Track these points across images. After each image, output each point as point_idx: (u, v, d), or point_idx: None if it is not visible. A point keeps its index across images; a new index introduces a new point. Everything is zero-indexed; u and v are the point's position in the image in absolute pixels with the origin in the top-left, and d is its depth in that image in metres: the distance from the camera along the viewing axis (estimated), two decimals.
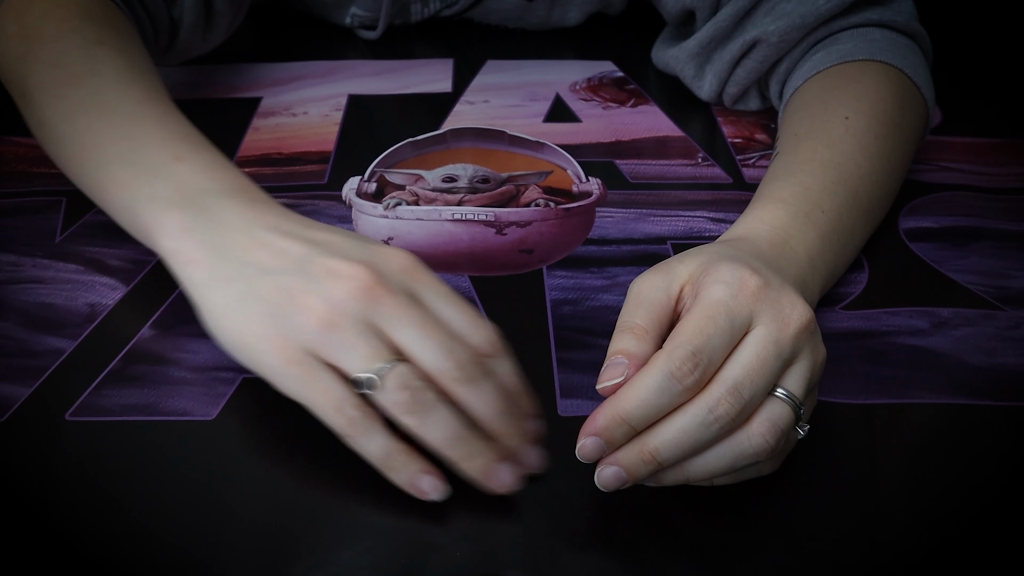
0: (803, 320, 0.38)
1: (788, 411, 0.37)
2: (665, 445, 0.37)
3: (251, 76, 0.77)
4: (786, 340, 0.38)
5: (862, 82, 0.58)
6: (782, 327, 0.38)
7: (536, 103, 0.74)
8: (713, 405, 0.36)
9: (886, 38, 0.61)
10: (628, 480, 0.38)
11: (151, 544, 0.38)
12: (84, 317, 0.51)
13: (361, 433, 0.39)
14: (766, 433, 0.37)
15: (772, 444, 0.37)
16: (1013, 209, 0.61)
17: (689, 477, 0.38)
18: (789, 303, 0.39)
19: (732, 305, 0.38)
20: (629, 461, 0.37)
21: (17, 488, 0.41)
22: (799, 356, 0.38)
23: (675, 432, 0.37)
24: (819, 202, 0.49)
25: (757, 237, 0.46)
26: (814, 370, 0.39)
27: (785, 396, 0.37)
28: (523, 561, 0.38)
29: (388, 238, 0.58)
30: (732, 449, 0.37)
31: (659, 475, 0.39)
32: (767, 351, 0.37)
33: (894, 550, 0.38)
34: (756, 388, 0.37)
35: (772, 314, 0.38)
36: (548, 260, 0.56)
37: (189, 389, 0.46)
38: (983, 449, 0.44)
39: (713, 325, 0.37)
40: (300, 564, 0.37)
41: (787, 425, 0.37)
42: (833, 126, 0.55)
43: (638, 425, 0.37)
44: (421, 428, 0.38)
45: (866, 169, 0.53)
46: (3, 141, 0.67)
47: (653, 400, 0.36)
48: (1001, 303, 0.52)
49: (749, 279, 0.39)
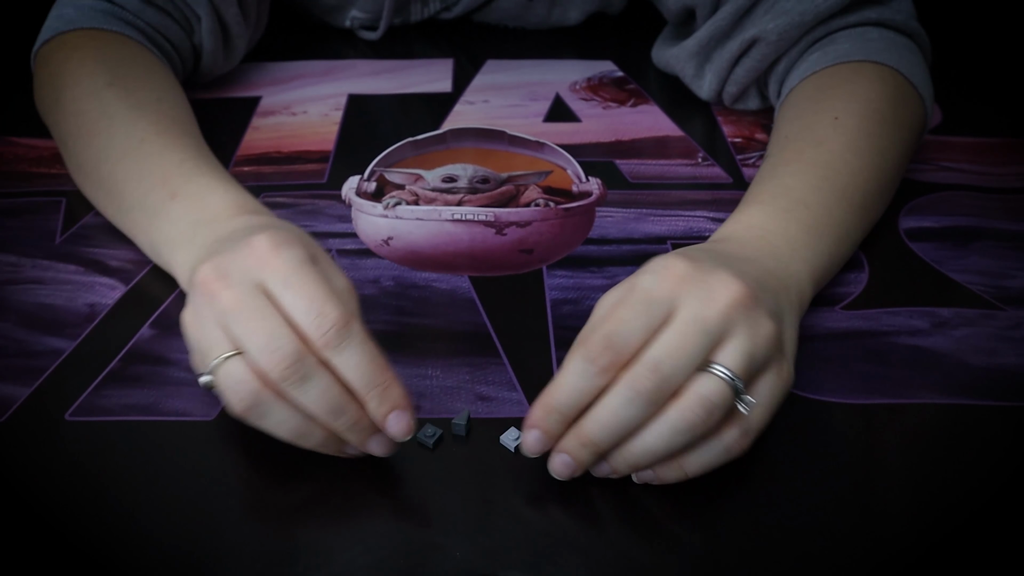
0: (733, 296, 0.39)
1: (719, 384, 0.37)
2: (596, 426, 0.38)
3: (251, 75, 0.77)
4: (713, 317, 0.38)
5: (854, 83, 0.58)
6: (707, 304, 0.38)
7: (536, 103, 0.74)
8: (634, 382, 0.37)
9: (884, 37, 0.61)
10: (575, 467, 0.39)
11: (151, 544, 0.38)
12: (84, 317, 0.51)
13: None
14: (695, 406, 0.37)
15: (702, 416, 0.37)
16: (1013, 209, 0.61)
17: (637, 460, 0.39)
18: (719, 281, 0.39)
19: (652, 289, 0.39)
20: (570, 447, 0.39)
21: (17, 488, 0.41)
22: (733, 331, 0.38)
23: (604, 413, 0.38)
24: (801, 198, 0.50)
25: (730, 238, 0.48)
26: (756, 343, 0.39)
27: (718, 371, 0.38)
28: (523, 561, 0.38)
29: (388, 238, 0.58)
30: (666, 425, 0.38)
31: (614, 462, 0.39)
32: (688, 328, 0.38)
33: (894, 550, 0.38)
34: (677, 363, 0.37)
35: (697, 294, 0.39)
36: (548, 260, 0.56)
37: (189, 389, 0.46)
38: (983, 449, 0.44)
39: (629, 310, 0.38)
40: (300, 564, 0.37)
41: (719, 398, 0.37)
42: (822, 126, 0.55)
43: (566, 411, 0.39)
44: (260, 423, 0.39)
45: (856, 165, 0.53)
46: (3, 141, 0.67)
47: (573, 384, 0.38)
48: (1001, 303, 0.52)
49: (676, 265, 0.40)
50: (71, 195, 0.60)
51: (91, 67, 0.58)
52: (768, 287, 0.43)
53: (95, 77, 0.57)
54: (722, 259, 0.42)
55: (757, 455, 0.43)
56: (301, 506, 0.40)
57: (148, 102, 0.56)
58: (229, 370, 0.38)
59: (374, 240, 0.58)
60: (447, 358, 0.48)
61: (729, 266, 0.41)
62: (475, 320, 0.51)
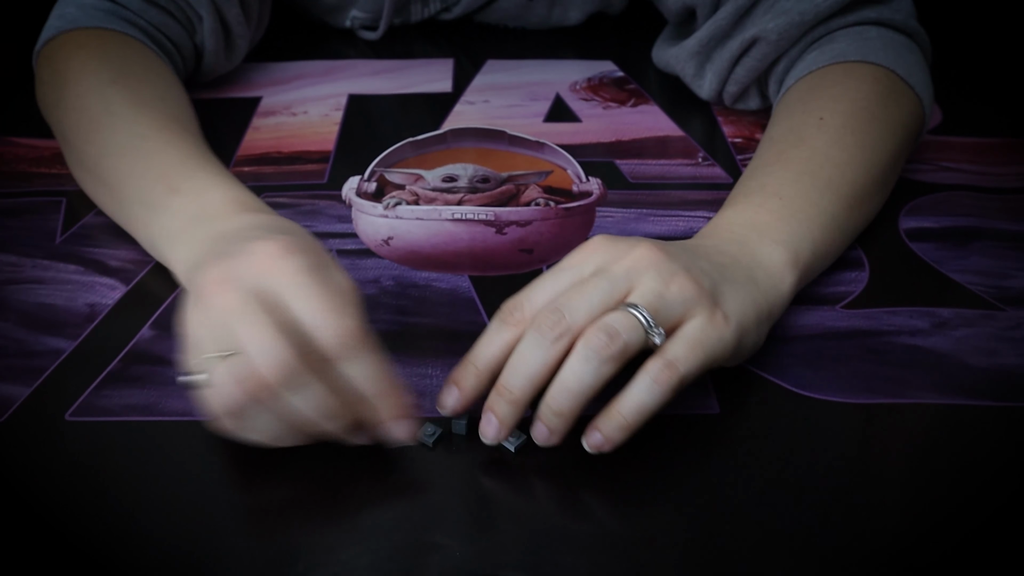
0: (641, 253, 0.42)
1: (622, 312, 0.40)
2: (510, 374, 0.40)
3: (251, 76, 0.77)
4: (618, 270, 0.41)
5: (844, 84, 0.58)
6: (611, 262, 0.42)
7: (536, 103, 0.74)
8: (536, 326, 0.40)
9: (882, 37, 0.61)
10: (500, 425, 0.41)
11: (151, 544, 0.38)
12: (84, 317, 0.51)
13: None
14: (598, 332, 0.39)
15: (604, 340, 0.39)
16: (1013, 209, 0.61)
17: (559, 404, 0.40)
18: (630, 245, 0.43)
19: (562, 264, 0.43)
20: (492, 402, 0.41)
21: (17, 488, 0.41)
22: (641, 279, 0.41)
23: (514, 360, 0.40)
24: (776, 192, 0.51)
25: (696, 237, 0.49)
26: (668, 288, 0.41)
27: (625, 308, 0.40)
28: (523, 561, 0.38)
29: (388, 238, 0.58)
30: (575, 357, 0.39)
31: (542, 414, 0.40)
32: (591, 279, 0.41)
33: (894, 550, 0.38)
34: (576, 306, 0.40)
35: (604, 256, 0.42)
36: (548, 260, 0.56)
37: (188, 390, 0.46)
38: (983, 449, 0.44)
39: (538, 281, 0.43)
40: (300, 564, 0.37)
41: (621, 324, 0.39)
42: (806, 127, 0.55)
43: (480, 364, 0.42)
44: (237, 426, 0.39)
45: (841, 159, 0.53)
46: (3, 141, 0.67)
47: (489, 339, 0.42)
48: (1001, 303, 0.52)
49: (597, 240, 0.44)
50: (71, 195, 0.60)
51: (95, 65, 0.58)
52: (704, 256, 0.45)
53: (99, 74, 0.57)
54: (653, 242, 0.44)
55: (757, 455, 0.43)
56: (301, 506, 0.40)
57: (151, 100, 0.56)
58: (225, 368, 0.38)
59: (374, 240, 0.58)
60: (447, 358, 0.48)
61: (654, 244, 0.43)
62: (475, 320, 0.51)
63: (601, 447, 0.40)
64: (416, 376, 0.47)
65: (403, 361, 0.48)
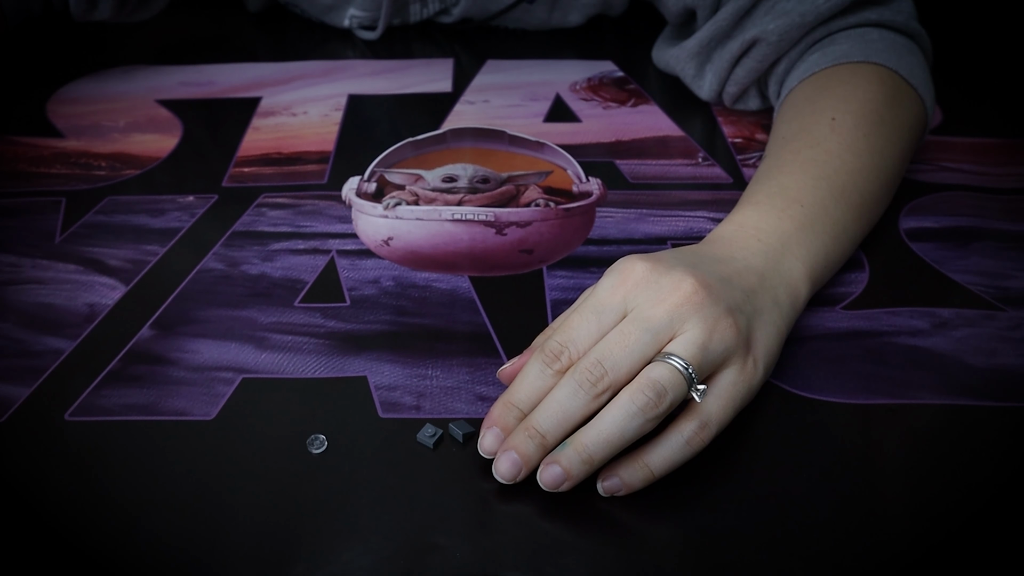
0: (682, 294, 0.41)
1: (667, 368, 0.39)
2: (544, 417, 0.40)
3: (251, 76, 0.77)
4: (658, 315, 0.41)
5: (851, 84, 0.58)
6: (654, 304, 0.41)
7: (536, 103, 0.74)
8: (575, 374, 0.40)
9: (884, 38, 0.61)
10: (522, 465, 0.40)
11: (151, 544, 0.38)
12: (84, 317, 0.51)
13: None
14: (643, 387, 0.39)
15: (652, 398, 0.39)
16: (1013, 209, 0.61)
17: (590, 450, 0.39)
18: (671, 281, 0.42)
19: (604, 297, 0.42)
20: (518, 441, 0.40)
21: (17, 488, 0.41)
22: (685, 325, 0.41)
23: (551, 404, 0.40)
24: (797, 197, 0.50)
25: (719, 238, 0.48)
26: (710, 336, 0.40)
27: (668, 359, 0.40)
28: (523, 561, 0.38)
29: (388, 238, 0.58)
30: (616, 408, 0.39)
31: (566, 456, 0.39)
32: (631, 327, 0.40)
33: (894, 550, 0.38)
34: (617, 358, 0.40)
35: (647, 296, 0.41)
36: (548, 260, 0.56)
37: (188, 389, 0.46)
38: (983, 449, 0.44)
39: (581, 318, 0.42)
40: (300, 564, 0.37)
41: (667, 381, 0.39)
42: (819, 127, 0.55)
43: (525, 408, 0.41)
44: None
45: (854, 165, 0.53)
46: (3, 141, 0.67)
47: (531, 382, 0.41)
48: (1002, 303, 0.52)
49: (633, 268, 0.42)
50: (71, 195, 0.60)
51: None
52: (739, 285, 0.44)
53: None
54: (689, 259, 0.43)
55: (758, 455, 0.43)
56: (301, 506, 0.40)
57: None
58: None
59: (374, 240, 0.58)
60: (447, 358, 0.48)
61: (691, 266, 0.42)
62: (475, 320, 0.51)
63: (617, 492, 0.40)
64: (416, 377, 0.47)
65: (403, 361, 0.48)
